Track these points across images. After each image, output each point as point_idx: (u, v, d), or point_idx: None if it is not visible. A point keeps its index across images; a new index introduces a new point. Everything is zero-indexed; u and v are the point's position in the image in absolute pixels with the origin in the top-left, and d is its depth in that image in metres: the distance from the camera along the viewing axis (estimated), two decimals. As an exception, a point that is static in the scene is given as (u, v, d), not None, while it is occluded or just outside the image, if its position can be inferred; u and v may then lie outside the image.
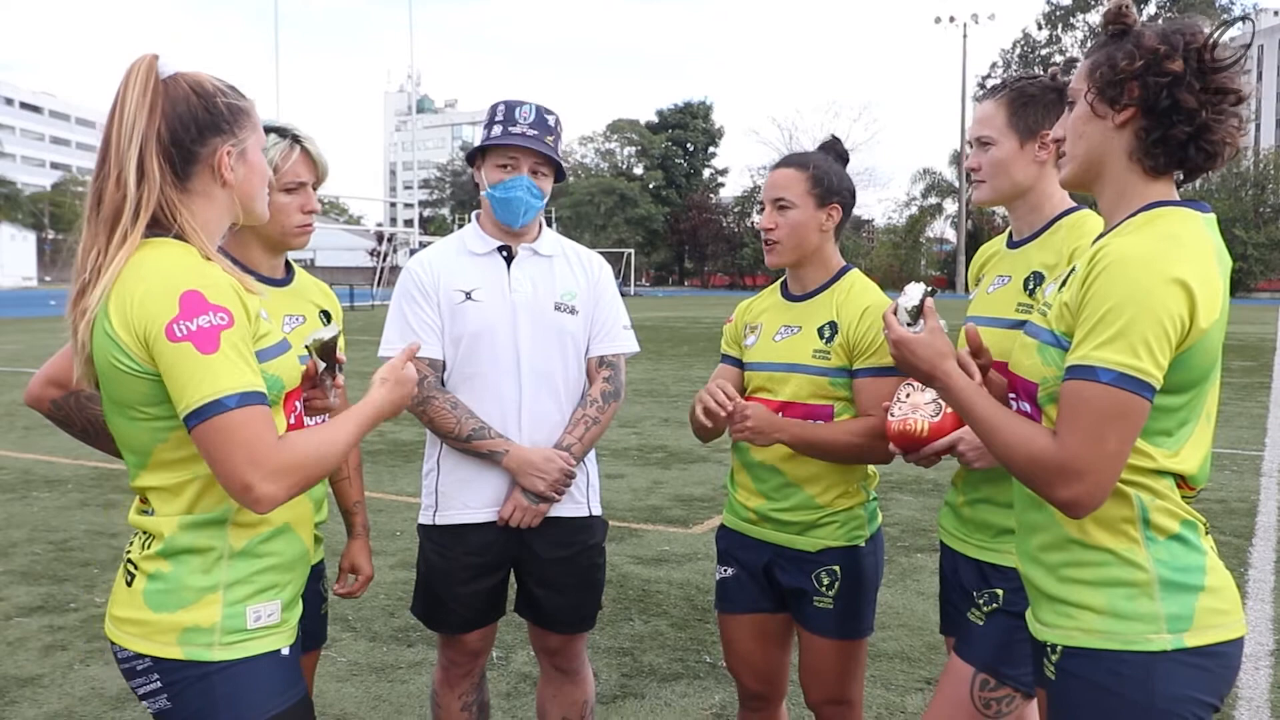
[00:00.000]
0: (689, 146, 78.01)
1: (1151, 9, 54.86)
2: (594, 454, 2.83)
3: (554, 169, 2.72)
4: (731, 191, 77.57)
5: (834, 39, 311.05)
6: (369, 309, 31.14)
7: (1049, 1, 62.02)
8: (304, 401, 1.88)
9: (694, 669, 4.13)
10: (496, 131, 2.67)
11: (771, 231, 2.55)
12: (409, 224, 63.63)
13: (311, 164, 2.43)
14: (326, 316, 2.53)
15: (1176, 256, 1.54)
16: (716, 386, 2.47)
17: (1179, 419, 1.60)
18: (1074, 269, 1.66)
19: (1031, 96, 2.28)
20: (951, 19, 60.65)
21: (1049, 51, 61.22)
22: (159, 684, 1.66)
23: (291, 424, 1.77)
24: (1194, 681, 1.58)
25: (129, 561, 1.71)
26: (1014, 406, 1.75)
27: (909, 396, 2.13)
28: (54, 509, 6.75)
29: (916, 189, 66.77)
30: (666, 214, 74.10)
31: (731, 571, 2.69)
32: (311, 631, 2.30)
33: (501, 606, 2.80)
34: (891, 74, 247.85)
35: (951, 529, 2.41)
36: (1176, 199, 1.66)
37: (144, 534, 1.70)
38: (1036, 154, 2.27)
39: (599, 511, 2.82)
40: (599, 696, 3.71)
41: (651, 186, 75.53)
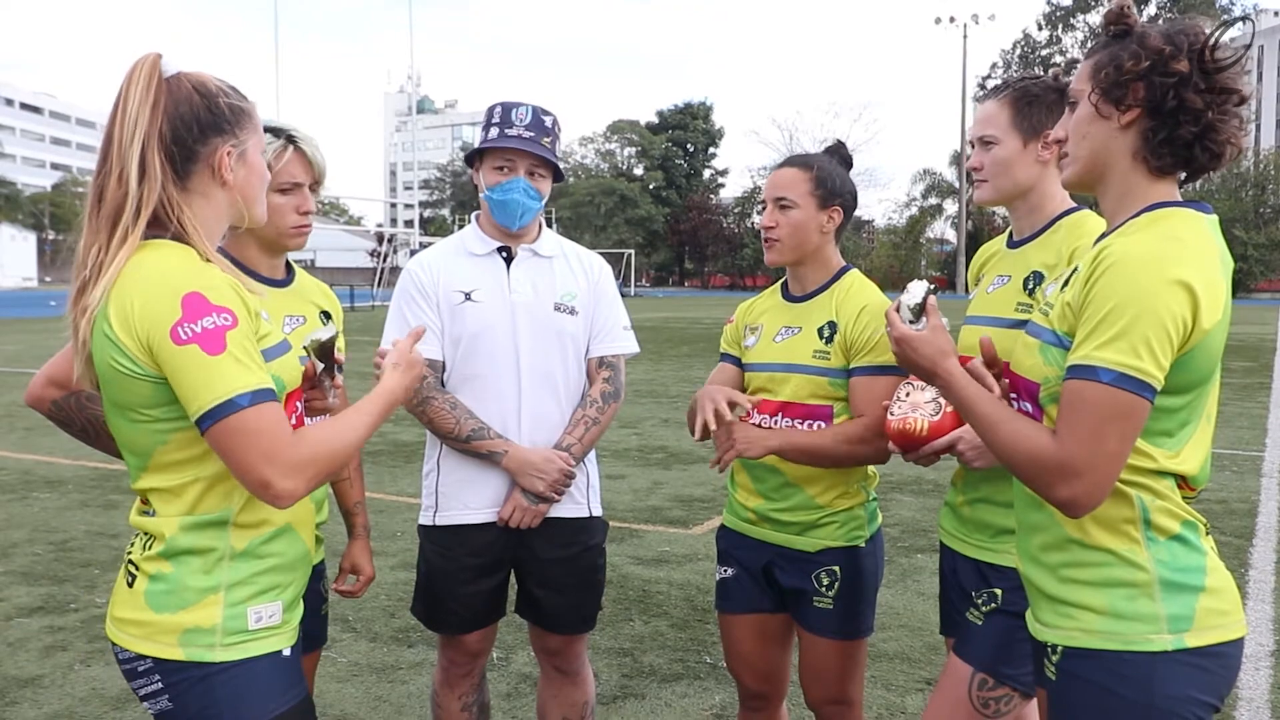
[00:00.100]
0: (689, 147, 77.95)
1: (1151, 9, 54.86)
2: (594, 454, 2.83)
3: (552, 170, 2.71)
4: (731, 192, 77.58)
5: (834, 39, 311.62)
6: (369, 309, 31.14)
7: (1049, 2, 62.00)
8: (304, 402, 1.88)
9: (694, 669, 4.13)
10: (493, 134, 2.68)
11: (772, 230, 2.55)
12: (409, 225, 63.59)
13: (307, 164, 2.40)
14: (327, 317, 2.53)
15: (1179, 258, 1.54)
16: (715, 400, 2.42)
17: (1180, 420, 1.60)
18: (1076, 269, 1.66)
19: (1035, 96, 2.28)
20: (951, 19, 60.66)
21: (1049, 52, 61.17)
22: (160, 685, 1.66)
23: (293, 424, 1.76)
24: (1194, 682, 1.58)
25: (130, 562, 1.71)
26: (1015, 406, 1.75)
27: (909, 395, 2.13)
28: (54, 509, 6.75)
29: (917, 189, 66.90)
30: (667, 215, 74.06)
31: (731, 571, 2.69)
32: (312, 632, 2.30)
33: (502, 607, 2.80)
34: (891, 74, 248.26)
35: (951, 529, 2.41)
36: (1179, 200, 1.66)
37: (145, 535, 1.70)
38: (1039, 154, 2.28)
39: (599, 512, 2.82)
40: (599, 697, 3.71)
41: (652, 187, 75.49)
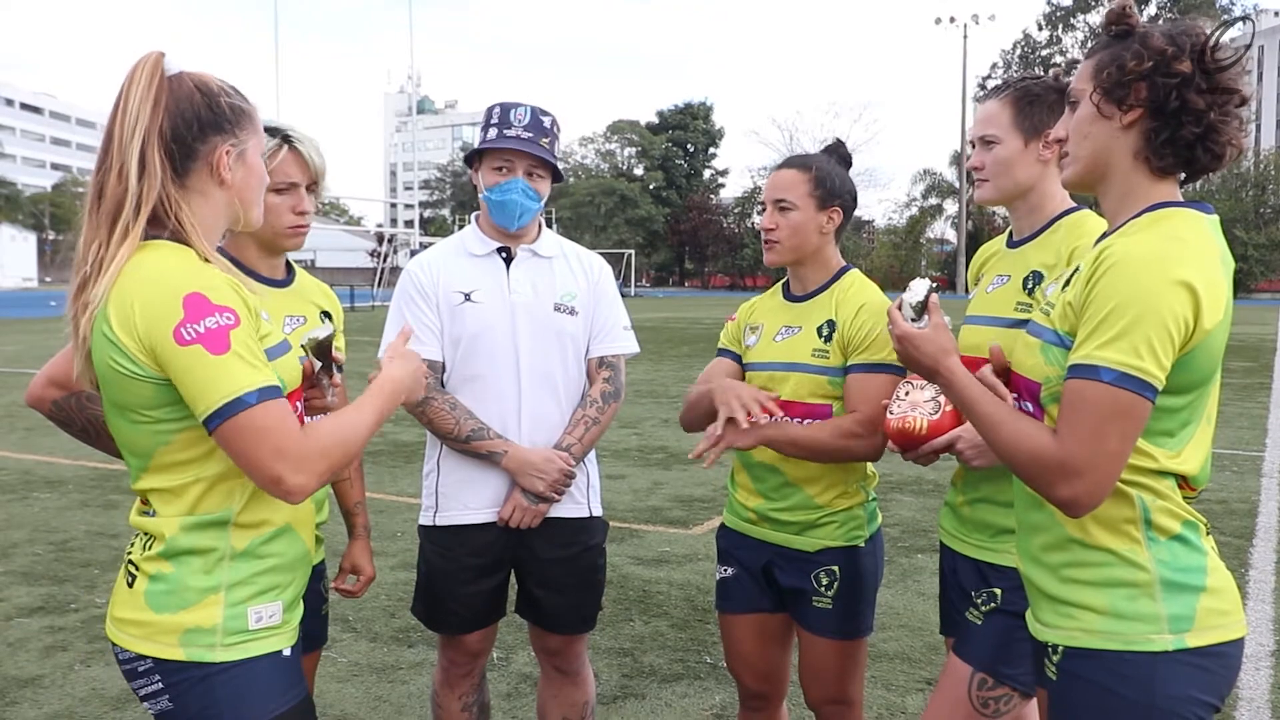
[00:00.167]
0: (689, 147, 77.95)
1: (1151, 9, 54.86)
2: (594, 454, 2.83)
3: (551, 170, 2.71)
4: (732, 192, 77.56)
5: (834, 39, 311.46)
6: (369, 310, 31.14)
7: (1049, 2, 62.01)
8: (303, 401, 1.88)
9: (694, 669, 4.13)
10: (491, 134, 2.68)
11: (772, 232, 2.55)
12: (409, 225, 63.58)
13: (303, 164, 2.37)
14: (327, 317, 2.53)
15: (1181, 258, 1.54)
16: (743, 399, 2.41)
17: (1181, 420, 1.60)
18: (1078, 269, 1.66)
19: (1036, 96, 2.28)
20: (952, 20, 60.63)
21: (1049, 52, 61.17)
22: (160, 685, 1.66)
23: None
24: (1195, 682, 1.58)
25: (130, 562, 1.71)
26: (1017, 407, 1.75)
27: (908, 394, 2.13)
28: (54, 510, 6.75)
29: (917, 190, 66.88)
30: (667, 215, 74.05)
31: (731, 571, 2.69)
32: (312, 632, 2.30)
33: (502, 607, 2.80)
34: (892, 74, 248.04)
35: (950, 529, 2.41)
36: (1181, 200, 1.66)
37: (145, 535, 1.70)
38: (1040, 153, 2.28)
39: (599, 512, 2.82)
40: (599, 697, 3.70)
41: (652, 187, 75.49)
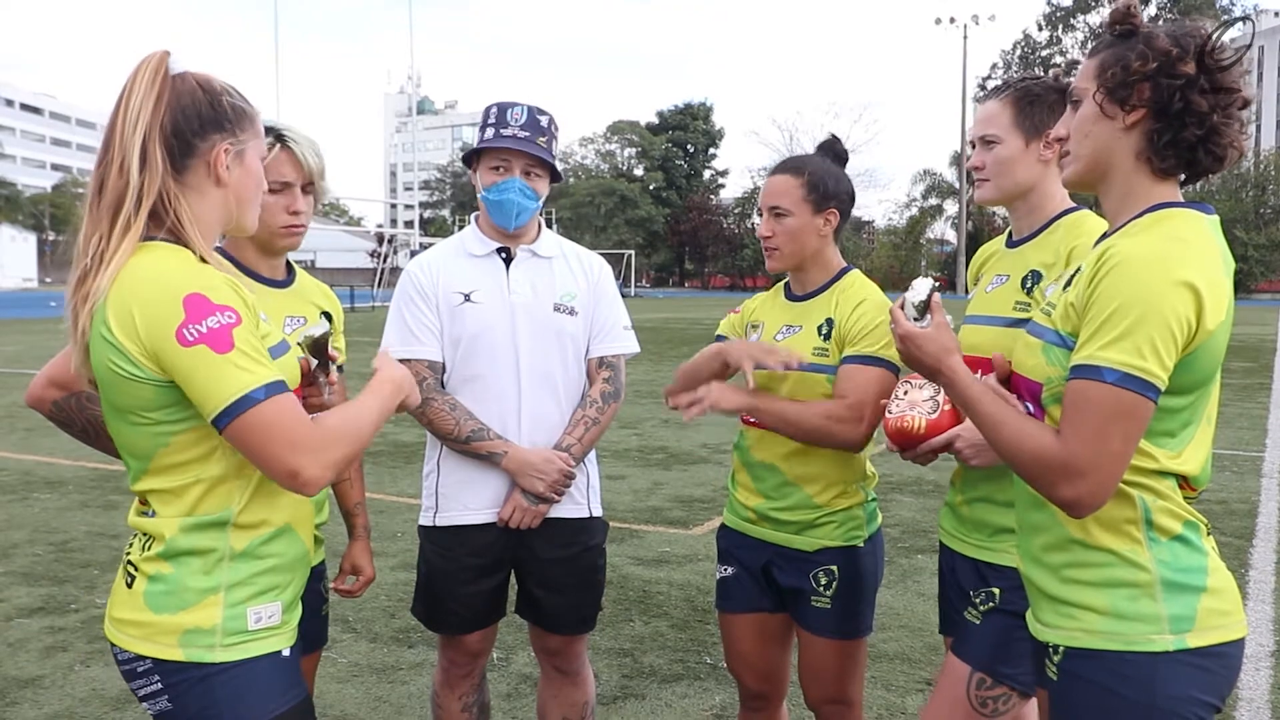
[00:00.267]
0: (689, 148, 77.96)
1: (1152, 9, 54.87)
2: (594, 455, 2.83)
3: (549, 170, 2.71)
4: (732, 193, 77.57)
5: (834, 39, 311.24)
6: (369, 310, 31.14)
7: (1049, 2, 61.99)
8: (302, 400, 1.88)
9: (694, 670, 4.13)
10: (489, 134, 2.68)
11: (770, 239, 2.55)
12: (409, 225, 63.61)
13: (297, 164, 2.35)
14: (327, 318, 2.52)
15: (1184, 258, 1.54)
16: (755, 355, 2.41)
17: (1182, 420, 1.60)
18: (1079, 269, 1.66)
19: (1037, 96, 2.28)
20: (952, 20, 60.59)
21: (1049, 52, 61.16)
22: (159, 685, 1.66)
23: None
24: (1196, 682, 1.58)
25: (129, 563, 1.70)
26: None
27: (907, 394, 2.13)
28: (54, 510, 6.75)
29: (917, 190, 66.85)
30: (667, 215, 74.06)
31: (731, 571, 2.69)
32: (312, 633, 2.30)
33: (502, 607, 2.80)
34: (892, 75, 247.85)
35: (949, 528, 2.41)
36: (1182, 200, 1.66)
37: (144, 535, 1.70)
38: (1041, 153, 2.28)
39: (599, 512, 2.82)
40: (599, 697, 3.70)
41: (652, 188, 75.49)
